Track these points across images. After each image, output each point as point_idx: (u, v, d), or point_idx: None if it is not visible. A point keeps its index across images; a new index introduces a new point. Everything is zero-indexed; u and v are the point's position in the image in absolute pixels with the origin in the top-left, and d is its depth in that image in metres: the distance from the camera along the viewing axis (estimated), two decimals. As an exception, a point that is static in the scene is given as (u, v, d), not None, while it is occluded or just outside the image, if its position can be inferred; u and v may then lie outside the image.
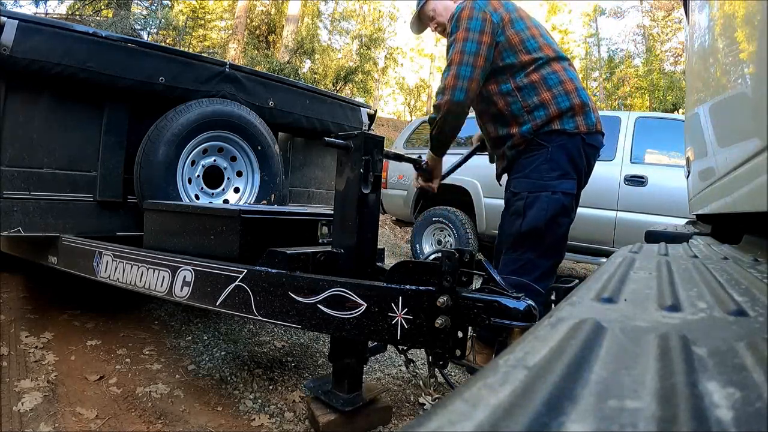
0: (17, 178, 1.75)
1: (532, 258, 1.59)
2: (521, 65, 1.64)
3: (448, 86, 1.61)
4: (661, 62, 18.17)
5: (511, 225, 1.65)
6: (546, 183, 1.57)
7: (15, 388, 1.58)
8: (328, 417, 1.36)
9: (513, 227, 1.63)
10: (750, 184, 0.66)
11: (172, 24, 13.54)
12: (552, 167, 1.57)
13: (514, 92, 1.64)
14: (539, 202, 1.56)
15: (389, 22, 20.96)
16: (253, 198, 2.33)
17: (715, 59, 0.97)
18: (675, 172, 3.30)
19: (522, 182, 1.62)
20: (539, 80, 1.63)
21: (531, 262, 1.58)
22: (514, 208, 1.63)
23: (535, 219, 1.56)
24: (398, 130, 13.07)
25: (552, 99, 1.60)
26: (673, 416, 0.19)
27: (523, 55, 1.64)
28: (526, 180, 1.61)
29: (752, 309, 0.37)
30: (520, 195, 1.60)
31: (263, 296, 1.29)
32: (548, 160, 1.58)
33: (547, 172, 1.57)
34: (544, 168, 1.58)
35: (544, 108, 1.60)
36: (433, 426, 0.19)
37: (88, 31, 1.88)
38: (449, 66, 1.63)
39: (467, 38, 1.61)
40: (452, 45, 1.65)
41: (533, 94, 1.62)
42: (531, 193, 1.58)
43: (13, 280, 2.67)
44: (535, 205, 1.56)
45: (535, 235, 1.57)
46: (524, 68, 1.64)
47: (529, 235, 1.58)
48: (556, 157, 1.58)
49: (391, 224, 5.98)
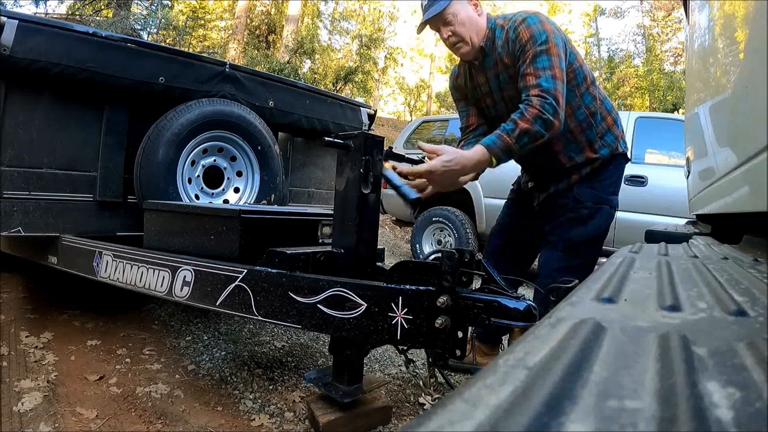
0: (17, 178, 1.75)
1: (589, 262, 1.72)
2: (587, 89, 1.62)
3: (560, 104, 1.44)
4: (661, 62, 18.18)
5: (567, 228, 1.67)
6: (607, 198, 1.67)
7: (15, 388, 1.58)
8: (328, 417, 1.36)
9: (570, 231, 1.66)
10: (750, 184, 0.66)
11: (172, 24, 13.54)
12: (612, 184, 1.68)
13: (588, 118, 1.63)
14: (601, 214, 1.66)
15: (389, 22, 20.98)
16: (253, 198, 2.33)
17: (715, 59, 0.97)
18: (675, 172, 3.30)
19: (587, 193, 1.66)
20: (601, 104, 1.66)
21: (588, 266, 1.71)
22: (575, 214, 1.66)
23: (598, 228, 1.67)
24: (398, 130, 13.07)
25: (614, 123, 1.69)
26: (673, 416, 0.19)
27: (587, 79, 1.62)
28: (591, 191, 1.66)
29: (752, 309, 0.37)
30: (584, 204, 1.65)
31: (263, 296, 1.29)
32: (610, 177, 1.67)
33: (608, 188, 1.67)
34: (607, 184, 1.67)
35: (611, 132, 1.68)
36: (433, 426, 0.19)
37: (88, 31, 1.88)
38: (555, 80, 1.44)
39: (559, 55, 1.48)
40: (548, 56, 1.46)
41: (601, 119, 1.66)
42: (595, 205, 1.65)
43: (13, 280, 2.67)
44: (597, 215, 1.65)
45: (596, 242, 1.70)
46: (589, 93, 1.62)
47: (591, 242, 1.68)
48: (616, 176, 1.70)
49: (391, 224, 5.99)
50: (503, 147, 1.43)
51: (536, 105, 1.42)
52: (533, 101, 1.43)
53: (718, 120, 0.98)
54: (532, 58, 1.47)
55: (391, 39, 20.63)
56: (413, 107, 24.47)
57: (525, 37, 1.49)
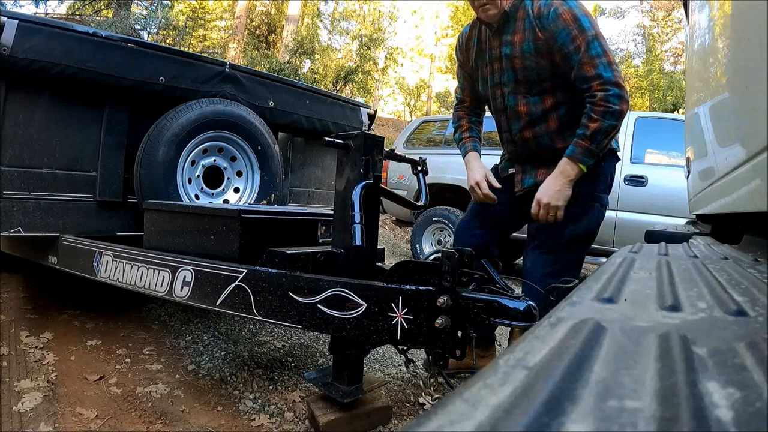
0: (17, 178, 1.75)
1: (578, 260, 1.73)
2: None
3: (624, 89, 1.45)
4: (661, 62, 18.16)
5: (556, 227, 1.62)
6: (599, 195, 1.66)
7: (15, 388, 1.58)
8: (328, 417, 1.36)
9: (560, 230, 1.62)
10: (750, 184, 0.66)
11: (172, 24, 13.54)
12: (602, 181, 1.66)
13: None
14: (593, 211, 1.65)
15: (389, 22, 20.97)
16: (253, 198, 2.33)
17: (715, 59, 0.97)
18: (675, 172, 3.29)
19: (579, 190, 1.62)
20: None
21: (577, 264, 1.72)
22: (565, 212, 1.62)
23: (589, 226, 1.66)
24: (398, 130, 13.08)
25: None
26: (673, 416, 0.19)
27: None
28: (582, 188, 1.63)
29: (752, 309, 0.37)
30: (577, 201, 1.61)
31: (263, 296, 1.29)
32: (601, 174, 1.65)
33: (598, 185, 1.65)
34: (599, 181, 1.65)
35: None
36: (433, 426, 0.19)
37: (88, 31, 1.88)
38: (611, 66, 1.44)
39: (605, 37, 1.49)
40: (599, 42, 1.45)
41: None
42: (588, 202, 1.63)
43: (13, 280, 2.67)
44: (589, 213, 1.64)
45: (586, 240, 1.69)
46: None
47: (581, 240, 1.67)
48: (606, 172, 1.67)
49: (391, 224, 5.99)
50: (583, 152, 1.47)
51: (601, 101, 1.43)
52: (597, 97, 1.44)
53: (718, 120, 0.98)
54: (587, 47, 1.45)
55: (391, 39, 20.63)
56: (413, 107, 24.46)
57: (568, 19, 1.47)
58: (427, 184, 1.83)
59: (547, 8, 1.50)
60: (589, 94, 1.46)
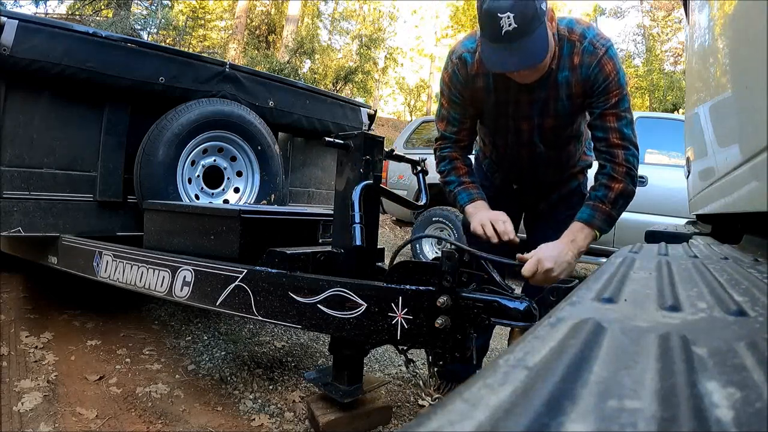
0: (17, 178, 1.75)
1: None
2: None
3: (638, 151, 1.39)
4: (661, 62, 18.15)
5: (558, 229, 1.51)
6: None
7: (15, 388, 1.58)
8: (328, 417, 1.36)
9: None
10: (750, 184, 0.66)
11: (172, 24, 13.53)
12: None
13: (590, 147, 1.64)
14: None
15: (389, 22, 20.95)
16: (253, 198, 2.33)
17: (715, 59, 0.97)
18: (675, 172, 3.29)
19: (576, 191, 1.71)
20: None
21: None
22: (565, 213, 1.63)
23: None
24: (398, 130, 13.07)
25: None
26: (673, 416, 0.19)
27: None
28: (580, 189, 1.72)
29: (752, 309, 0.37)
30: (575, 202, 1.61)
31: (263, 296, 1.29)
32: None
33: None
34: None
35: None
36: (433, 426, 0.19)
37: (88, 31, 1.89)
38: (632, 125, 1.35)
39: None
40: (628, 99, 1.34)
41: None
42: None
43: (13, 280, 2.66)
44: None
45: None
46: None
47: None
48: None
49: (391, 224, 5.99)
50: (604, 218, 1.33)
51: (622, 160, 1.33)
52: (618, 156, 1.33)
53: (718, 120, 0.98)
54: (618, 101, 1.31)
55: (391, 39, 20.61)
56: (413, 107, 24.45)
57: (610, 73, 1.30)
58: (427, 184, 1.82)
59: (590, 57, 1.30)
60: (605, 149, 1.35)
